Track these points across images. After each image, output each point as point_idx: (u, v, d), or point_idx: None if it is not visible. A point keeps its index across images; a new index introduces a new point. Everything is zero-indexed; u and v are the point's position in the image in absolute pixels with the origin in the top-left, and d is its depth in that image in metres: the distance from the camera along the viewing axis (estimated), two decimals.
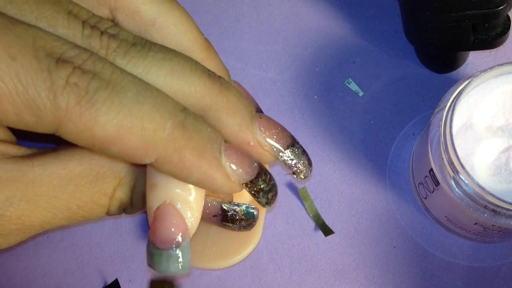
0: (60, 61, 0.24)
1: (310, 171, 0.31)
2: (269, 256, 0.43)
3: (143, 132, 0.25)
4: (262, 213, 0.41)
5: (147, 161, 0.26)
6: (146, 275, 0.43)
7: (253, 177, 0.28)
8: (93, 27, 0.27)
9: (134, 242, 0.44)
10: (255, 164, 0.28)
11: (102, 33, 0.27)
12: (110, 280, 0.43)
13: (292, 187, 0.44)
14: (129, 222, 0.44)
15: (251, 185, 0.28)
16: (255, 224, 0.30)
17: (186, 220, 0.27)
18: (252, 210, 0.30)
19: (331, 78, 0.46)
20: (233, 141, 0.29)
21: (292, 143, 0.30)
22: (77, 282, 0.43)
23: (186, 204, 0.27)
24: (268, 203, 0.29)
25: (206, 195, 0.29)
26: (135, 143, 0.25)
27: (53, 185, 0.27)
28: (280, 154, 0.30)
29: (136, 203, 0.29)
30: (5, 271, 0.43)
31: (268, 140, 0.29)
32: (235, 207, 0.30)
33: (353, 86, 0.46)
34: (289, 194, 0.44)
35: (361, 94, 0.46)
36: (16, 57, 0.23)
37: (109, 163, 0.29)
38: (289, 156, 0.30)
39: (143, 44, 0.27)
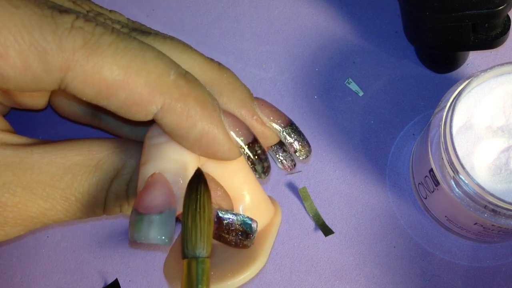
0: (63, 11, 0.24)
1: (310, 150, 0.32)
2: (269, 256, 0.43)
3: (149, 76, 0.25)
4: (270, 238, 0.36)
5: (153, 108, 0.26)
6: (146, 275, 0.43)
7: (249, 141, 0.28)
8: (96, 14, 0.28)
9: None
10: (250, 130, 0.29)
11: (105, 18, 0.28)
12: (110, 280, 0.43)
13: (292, 187, 0.44)
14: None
15: (249, 149, 0.28)
16: (253, 240, 0.29)
17: (173, 191, 0.27)
18: (250, 222, 0.29)
19: (331, 78, 0.46)
20: (237, 115, 0.29)
21: (290, 122, 0.31)
22: (77, 282, 0.43)
23: (176, 175, 0.27)
24: (264, 172, 0.30)
25: None
26: (142, 86, 0.25)
27: (51, 174, 0.27)
28: (282, 131, 0.30)
29: (132, 196, 0.29)
30: (5, 271, 0.43)
31: (267, 119, 0.30)
32: (232, 215, 0.29)
33: (353, 86, 0.46)
34: (289, 194, 0.44)
35: (361, 94, 0.46)
36: (19, 6, 0.23)
37: (108, 154, 0.29)
38: (289, 133, 0.31)
39: (144, 29, 0.28)
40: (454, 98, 0.36)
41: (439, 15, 0.39)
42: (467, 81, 0.36)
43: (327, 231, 0.43)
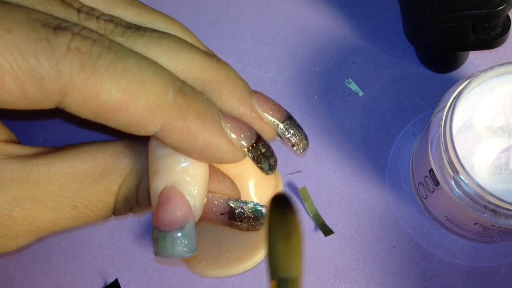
0: (58, 29, 0.24)
1: (308, 143, 0.32)
2: None
3: (148, 97, 0.25)
4: None
5: (153, 129, 0.26)
6: (146, 275, 0.43)
7: (253, 141, 0.28)
8: (87, 13, 0.27)
9: (134, 242, 0.44)
10: (253, 130, 0.29)
11: (97, 18, 0.27)
12: (110, 280, 0.43)
13: (292, 187, 0.44)
14: (129, 222, 0.44)
15: (253, 150, 0.28)
16: (263, 223, 0.30)
17: (189, 203, 0.27)
18: (260, 208, 0.30)
19: (331, 78, 0.46)
20: (235, 114, 0.29)
21: (288, 116, 0.31)
22: (77, 282, 0.43)
23: (188, 185, 0.27)
24: (271, 168, 0.30)
25: (212, 192, 0.29)
26: (141, 108, 0.25)
27: (58, 184, 0.27)
28: (279, 126, 0.30)
29: (142, 200, 0.29)
30: (5, 271, 0.43)
31: (266, 114, 0.30)
32: (243, 204, 0.30)
33: (353, 86, 0.46)
34: (289, 194, 0.44)
35: (361, 94, 0.46)
36: (11, 30, 0.23)
37: (113, 160, 0.29)
38: (287, 128, 0.31)
39: (138, 27, 0.28)
40: (454, 98, 0.36)
41: (439, 15, 0.39)
42: (467, 81, 0.36)
43: (327, 231, 0.43)
